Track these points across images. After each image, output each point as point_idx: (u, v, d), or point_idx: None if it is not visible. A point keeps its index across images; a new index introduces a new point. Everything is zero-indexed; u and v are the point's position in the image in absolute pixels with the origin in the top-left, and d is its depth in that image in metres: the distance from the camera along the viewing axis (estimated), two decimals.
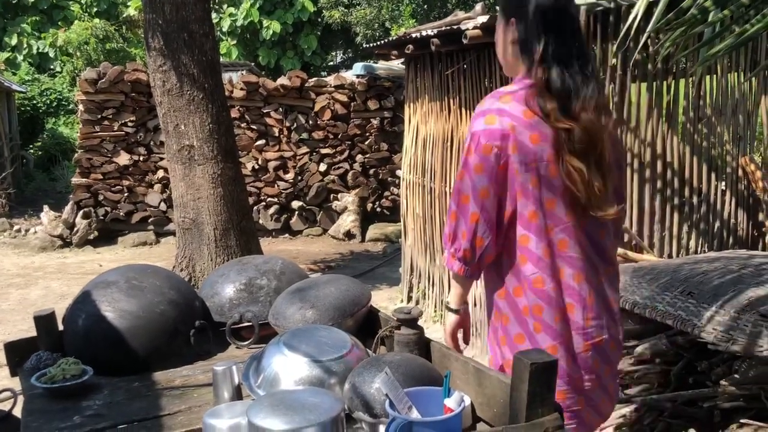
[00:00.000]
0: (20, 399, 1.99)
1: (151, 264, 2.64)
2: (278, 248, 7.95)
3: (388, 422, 1.46)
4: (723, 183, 4.09)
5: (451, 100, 4.65)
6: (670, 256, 3.87)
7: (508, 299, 1.77)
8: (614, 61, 3.67)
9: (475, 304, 4.43)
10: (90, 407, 1.86)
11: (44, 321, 2.12)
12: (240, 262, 2.48)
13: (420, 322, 1.95)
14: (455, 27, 4.05)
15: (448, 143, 4.71)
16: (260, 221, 8.41)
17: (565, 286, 1.72)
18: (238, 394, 1.78)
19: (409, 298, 5.50)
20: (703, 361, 2.63)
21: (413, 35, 4.61)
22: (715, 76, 3.92)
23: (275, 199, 8.68)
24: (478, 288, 4.45)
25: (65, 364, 1.95)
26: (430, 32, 4.34)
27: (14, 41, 16.63)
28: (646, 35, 2.36)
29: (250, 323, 2.23)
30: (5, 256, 7.78)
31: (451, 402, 1.50)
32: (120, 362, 2.03)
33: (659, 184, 3.80)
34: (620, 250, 3.65)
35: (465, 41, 3.80)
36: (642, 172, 3.74)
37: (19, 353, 2.15)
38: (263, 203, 8.66)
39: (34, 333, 2.18)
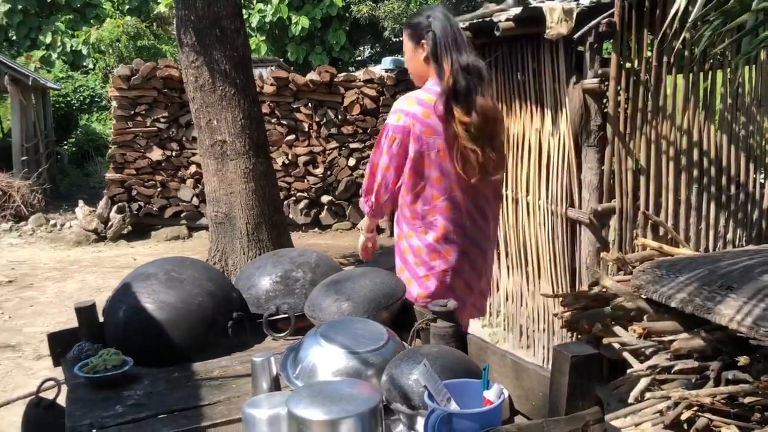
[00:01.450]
0: (63, 388, 2.03)
1: (188, 256, 2.69)
2: (308, 242, 7.99)
3: (427, 414, 1.46)
4: (762, 175, 4.01)
5: None
6: (706, 249, 3.81)
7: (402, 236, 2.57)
8: (649, 52, 3.61)
9: (507, 299, 4.42)
10: (131, 397, 1.88)
11: (85, 312, 2.16)
12: (275, 254, 2.50)
13: None
14: (487, 19, 4.03)
15: None
16: (290, 216, 8.47)
17: (442, 234, 2.44)
18: (276, 385, 1.80)
19: None
20: (743, 356, 2.58)
21: None
22: (754, 65, 3.84)
23: (305, 194, 8.73)
24: (509, 282, 4.43)
25: (106, 354, 1.98)
26: (462, 25, 4.31)
27: (48, 39, 16.93)
28: (688, 24, 2.32)
29: (287, 315, 2.24)
30: (42, 250, 7.94)
31: (490, 394, 1.50)
32: (159, 353, 2.06)
33: (696, 172, 3.74)
34: (655, 244, 3.61)
35: (497, 33, 3.77)
36: (678, 161, 3.68)
37: (61, 344, 2.19)
38: (293, 198, 8.72)
39: (71, 325, 2.22)
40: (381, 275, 2.19)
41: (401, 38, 2.70)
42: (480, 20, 4.19)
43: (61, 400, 2.09)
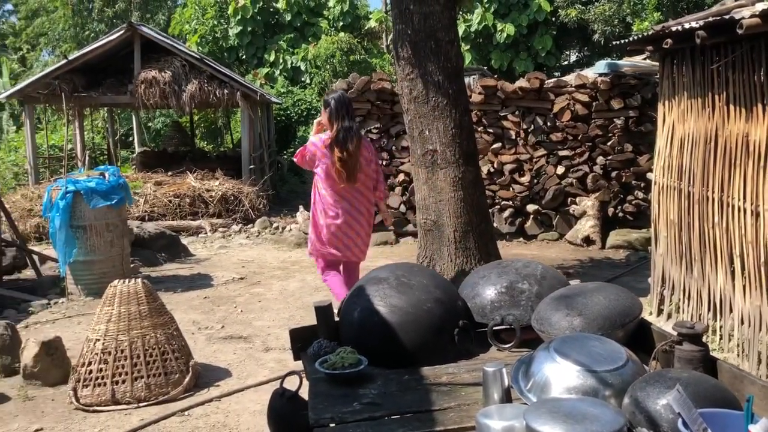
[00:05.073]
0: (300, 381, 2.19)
1: (415, 263, 2.78)
2: (513, 252, 7.89)
3: None
4: None
5: (717, 96, 4.24)
6: None
7: (315, 209, 4.94)
8: None
9: (742, 322, 4.01)
10: (366, 395, 1.98)
11: (323, 312, 2.31)
12: (500, 265, 2.50)
13: None
14: (726, 17, 3.69)
15: (712, 144, 4.30)
16: (495, 224, 8.42)
17: (338, 208, 4.81)
18: (507, 397, 1.79)
19: (660, 311, 5.12)
20: None
21: (673, 28, 4.29)
22: None
23: (510, 203, 8.64)
24: (746, 304, 4.02)
25: (343, 352, 2.10)
26: (693, 24, 4.00)
27: (272, 57, 18.50)
28: None
29: (512, 326, 2.22)
30: (267, 251, 8.67)
31: (757, 429, 1.36)
32: (390, 354, 2.14)
33: None
34: None
35: (740, 31, 3.44)
36: None
37: (301, 340, 2.37)
38: (498, 206, 8.66)
39: (295, 320, 2.40)
40: (615, 291, 2.09)
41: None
42: (716, 18, 3.86)
43: (298, 392, 2.26)
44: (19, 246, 7.22)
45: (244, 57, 19.05)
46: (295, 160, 4.94)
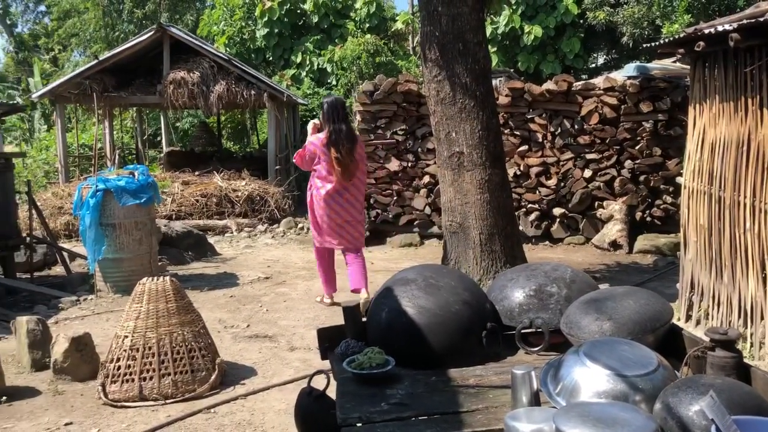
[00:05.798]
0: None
1: (443, 265, 2.78)
2: (538, 255, 7.84)
3: None
4: None
5: (750, 100, 4.18)
6: None
7: (312, 201, 5.65)
8: None
9: (762, 317, 3.95)
10: (394, 396, 1.98)
11: (350, 312, 2.32)
12: (528, 267, 2.49)
13: None
14: (761, 19, 3.64)
15: (744, 148, 4.23)
16: (520, 227, 8.37)
17: (330, 201, 5.51)
18: (536, 400, 1.78)
19: (688, 317, 5.05)
20: None
21: (706, 31, 4.24)
22: None
23: (536, 206, 8.58)
24: None
25: (371, 352, 2.11)
26: (727, 27, 3.95)
27: (299, 59, 18.58)
28: None
29: (540, 330, 2.21)
30: (293, 251, 8.72)
31: None
32: (417, 355, 2.15)
33: None
34: None
35: None
36: None
37: (328, 339, 2.38)
38: (524, 209, 8.61)
39: (319, 320, 2.41)
40: (646, 295, 2.08)
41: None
42: (750, 20, 3.80)
43: (325, 391, 2.27)
44: (49, 243, 7.35)
45: (270, 58, 19.16)
46: (294, 160, 5.57)
